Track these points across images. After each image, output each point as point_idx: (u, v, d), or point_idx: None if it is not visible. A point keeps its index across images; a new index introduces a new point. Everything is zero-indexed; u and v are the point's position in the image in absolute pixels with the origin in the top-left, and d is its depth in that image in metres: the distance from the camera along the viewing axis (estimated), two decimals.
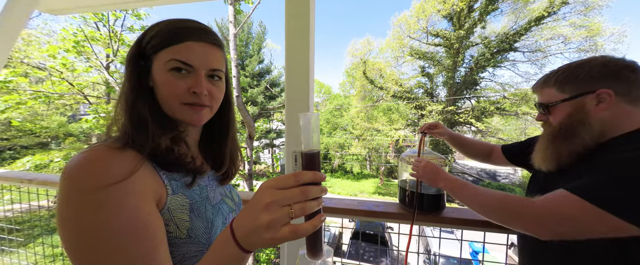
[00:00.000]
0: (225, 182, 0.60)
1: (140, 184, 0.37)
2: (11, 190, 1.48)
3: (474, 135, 17.25)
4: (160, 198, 0.41)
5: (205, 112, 0.48)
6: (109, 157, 0.37)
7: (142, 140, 0.41)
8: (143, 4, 1.80)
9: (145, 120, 0.42)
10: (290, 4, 0.97)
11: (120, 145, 0.40)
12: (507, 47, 14.68)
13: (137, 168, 0.38)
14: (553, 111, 0.65)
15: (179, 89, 0.44)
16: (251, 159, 5.25)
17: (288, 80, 1.01)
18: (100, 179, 0.34)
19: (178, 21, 0.45)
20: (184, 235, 0.43)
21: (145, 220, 0.35)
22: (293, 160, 1.00)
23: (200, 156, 0.58)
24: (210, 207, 0.50)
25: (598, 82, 0.58)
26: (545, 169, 0.67)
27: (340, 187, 18.79)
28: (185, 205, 0.45)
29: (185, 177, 0.47)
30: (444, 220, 0.92)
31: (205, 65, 0.45)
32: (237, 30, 4.50)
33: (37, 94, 4.64)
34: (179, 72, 0.43)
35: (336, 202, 1.07)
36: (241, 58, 18.25)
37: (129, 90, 0.44)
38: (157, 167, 0.43)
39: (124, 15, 5.02)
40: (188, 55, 0.43)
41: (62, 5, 1.87)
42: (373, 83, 18.41)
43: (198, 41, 0.44)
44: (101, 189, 0.33)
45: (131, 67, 0.45)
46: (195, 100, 0.45)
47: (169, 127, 0.45)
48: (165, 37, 0.43)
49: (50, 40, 6.87)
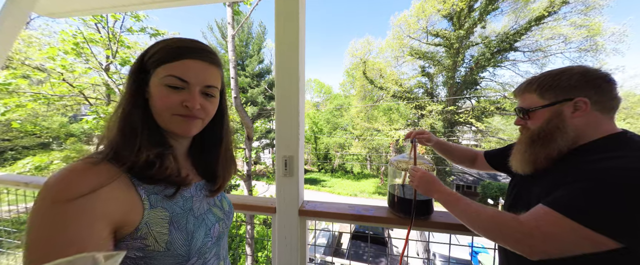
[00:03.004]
0: (214, 194, 0.60)
1: (103, 204, 0.38)
2: (8, 192, 1.50)
3: (474, 135, 17.21)
4: (129, 218, 0.41)
5: (196, 123, 0.50)
6: (78, 174, 0.38)
7: (126, 152, 0.43)
8: (142, 7, 1.81)
9: (135, 131, 0.44)
10: (280, 6, 0.98)
11: (99, 160, 0.41)
12: (507, 46, 14.65)
13: (101, 186, 0.38)
14: (532, 116, 0.67)
15: (172, 101, 0.46)
16: (250, 160, 5.27)
17: (278, 84, 1.01)
18: (62, 195, 0.36)
19: (181, 40, 0.48)
20: (162, 248, 0.44)
21: (79, 247, 0.35)
22: (283, 165, 1.01)
23: (189, 166, 0.59)
24: (193, 218, 0.51)
25: (577, 90, 0.61)
26: (522, 172, 0.69)
27: (341, 187, 18.78)
28: (165, 218, 0.45)
29: (167, 190, 0.48)
30: (433, 225, 0.93)
31: (201, 82, 0.48)
32: (235, 31, 4.51)
33: (37, 96, 4.67)
34: (174, 88, 0.46)
35: (327, 206, 1.08)
36: (241, 58, 18.27)
37: (126, 102, 0.46)
38: (137, 180, 0.44)
39: (123, 17, 5.04)
40: (184, 72, 0.46)
41: (61, 9, 1.89)
42: (373, 83, 18.40)
43: (196, 59, 0.47)
44: (58, 204, 0.35)
45: (131, 80, 0.47)
46: (187, 112, 0.48)
47: (157, 141, 0.47)
48: (166, 54, 0.46)
49: (51, 41, 6.90)
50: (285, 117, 1.02)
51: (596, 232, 0.48)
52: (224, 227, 0.59)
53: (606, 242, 0.48)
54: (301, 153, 1.06)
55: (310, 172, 24.36)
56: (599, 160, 0.55)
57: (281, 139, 1.03)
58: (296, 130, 1.02)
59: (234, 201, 1.13)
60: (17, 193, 1.47)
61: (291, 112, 1.01)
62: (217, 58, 0.52)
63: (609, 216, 0.48)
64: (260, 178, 18.59)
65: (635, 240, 0.47)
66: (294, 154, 1.03)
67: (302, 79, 1.04)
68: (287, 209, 1.07)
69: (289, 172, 1.03)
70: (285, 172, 1.03)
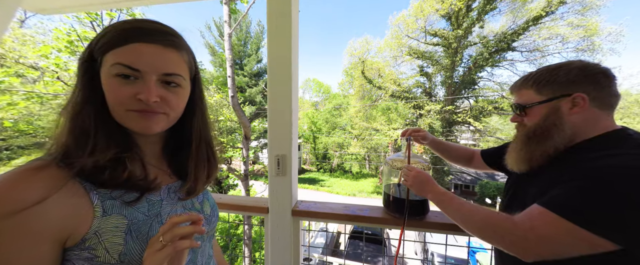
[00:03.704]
0: (188, 198, 0.53)
1: (45, 219, 0.35)
2: None
3: (472, 134, 17.26)
4: (75, 227, 0.37)
5: (158, 119, 0.43)
6: (19, 183, 0.35)
7: (75, 155, 0.38)
8: (135, 3, 1.78)
9: (87, 131, 0.39)
10: (272, 6, 0.95)
11: (45, 163, 0.38)
12: (505, 46, 14.71)
13: (43, 198, 0.35)
14: (529, 113, 0.65)
15: (123, 95, 0.40)
16: (247, 159, 5.23)
17: (270, 82, 0.99)
18: (3, 206, 0.33)
19: (129, 21, 0.41)
20: (114, 260, 0.39)
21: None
22: (276, 164, 0.99)
23: (164, 167, 0.53)
24: (159, 225, 0.45)
25: (575, 85, 0.58)
26: (518, 170, 0.68)
27: (340, 187, 18.79)
28: (120, 226, 0.41)
29: (128, 195, 0.43)
30: (429, 225, 0.91)
31: (157, 69, 0.41)
32: (232, 29, 4.47)
33: (30, 94, 4.61)
34: (125, 78, 0.39)
35: (321, 206, 1.05)
36: (239, 57, 18.19)
37: (75, 97, 0.41)
38: (90, 185, 0.40)
39: (118, 15, 4.99)
40: (134, 59, 0.39)
41: (50, 5, 1.85)
42: (372, 82, 18.40)
43: (148, 43, 0.40)
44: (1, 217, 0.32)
45: (81, 72, 0.41)
46: (142, 107, 0.41)
47: (115, 141, 0.42)
48: (112, 38, 0.39)
49: (45, 40, 6.82)
50: (278, 116, 0.99)
51: (593, 233, 0.46)
52: (206, 229, 0.53)
53: (603, 244, 0.46)
54: (294, 152, 1.04)
55: (309, 171, 24.35)
56: (597, 158, 0.53)
57: (274, 138, 1.01)
58: (289, 129, 0.99)
59: (226, 201, 1.11)
60: None
61: (284, 110, 0.99)
62: (178, 40, 0.44)
63: (607, 217, 0.46)
64: (258, 178, 18.55)
65: (634, 242, 0.46)
66: (287, 152, 1.00)
67: (295, 77, 1.01)
68: (280, 209, 1.04)
69: (281, 171, 1.00)
70: (278, 171, 1.00)
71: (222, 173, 7.75)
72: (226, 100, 7.05)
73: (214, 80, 15.36)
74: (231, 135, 9.02)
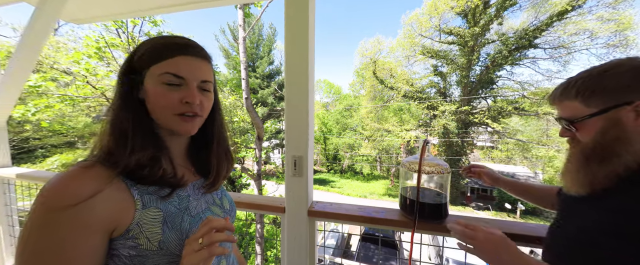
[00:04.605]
0: (210, 190, 0.60)
1: (95, 213, 0.39)
2: (37, 188, 1.61)
3: (490, 136, 16.48)
4: (121, 219, 0.42)
5: (196, 121, 0.51)
6: (73, 181, 0.39)
7: (118, 155, 0.43)
8: (159, 12, 1.89)
9: (126, 133, 0.45)
10: (289, 6, 0.98)
11: (92, 163, 0.42)
12: (526, 43, 13.96)
13: (94, 193, 0.39)
14: (581, 127, 0.55)
15: (172, 99, 0.47)
16: (260, 160, 5.34)
17: (288, 85, 1.01)
18: (56, 203, 0.37)
19: (168, 38, 0.49)
20: (155, 247, 0.44)
21: (69, 255, 0.37)
22: (292, 165, 1.01)
23: (188, 165, 0.59)
24: (189, 217, 0.50)
25: (632, 91, 0.48)
26: (576, 192, 0.57)
27: (350, 188, 18.64)
28: (157, 218, 0.46)
29: (162, 190, 0.48)
30: (446, 229, 0.89)
31: (197, 77, 0.48)
32: (246, 33, 4.59)
33: (64, 97, 4.99)
34: (171, 85, 0.46)
35: (336, 207, 1.06)
36: (252, 60, 18.61)
37: (118, 105, 0.47)
38: (131, 182, 0.45)
39: (142, 22, 5.28)
40: (179, 68, 0.46)
41: (84, 15, 2.01)
42: (383, 83, 18.14)
43: (188, 55, 0.48)
44: (52, 212, 0.37)
45: (121, 82, 0.47)
46: (188, 109, 0.48)
47: (150, 143, 0.47)
48: (157, 52, 0.46)
49: (76, 46, 7.35)
50: (295, 118, 1.01)
51: None
52: None
53: None
54: (311, 153, 1.06)
55: (319, 172, 24.37)
56: None
57: (291, 140, 1.03)
58: (305, 131, 1.01)
59: (243, 200, 1.14)
60: None
61: (301, 113, 1.01)
62: (207, 53, 0.52)
63: None
64: (270, 178, 18.83)
65: None
66: (304, 154, 1.02)
67: (311, 80, 1.03)
68: (297, 209, 1.06)
69: (298, 173, 1.02)
70: (295, 172, 1.02)
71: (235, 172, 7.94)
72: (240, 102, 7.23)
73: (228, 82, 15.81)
74: (244, 135, 9.24)
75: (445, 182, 0.91)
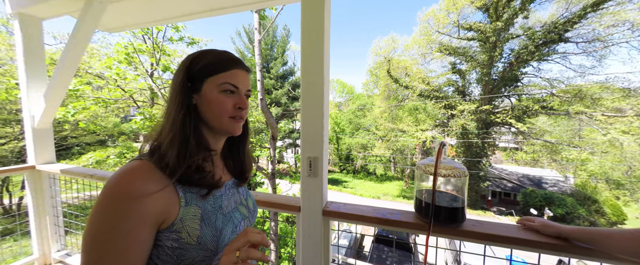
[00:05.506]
0: (241, 185, 0.68)
1: (150, 208, 0.44)
2: (77, 182, 1.78)
3: (514, 137, 15.50)
4: (169, 214, 0.47)
5: (242, 123, 0.60)
6: (140, 176, 0.45)
7: (177, 163, 0.48)
8: (183, 19, 2.02)
9: (187, 139, 0.51)
10: (306, 11, 1.01)
11: (155, 166, 0.48)
12: (555, 37, 12.95)
13: (156, 191, 0.45)
14: None
15: (228, 105, 0.56)
16: (274, 159, 5.45)
17: (304, 87, 1.04)
18: (123, 193, 0.42)
19: (223, 53, 0.58)
20: (194, 242, 0.48)
21: (124, 243, 0.41)
22: (307, 166, 1.03)
23: (222, 166, 0.66)
24: (222, 216, 0.56)
25: None
26: None
27: (363, 189, 18.43)
28: (197, 215, 0.50)
29: (201, 189, 0.54)
30: (463, 234, 0.87)
31: (245, 87, 0.59)
32: (261, 36, 4.70)
33: (97, 100, 5.44)
34: (228, 93, 0.56)
35: (350, 208, 1.07)
36: (266, 61, 18.99)
37: (178, 111, 0.52)
38: (177, 182, 0.50)
39: (165, 28, 5.62)
40: (236, 80, 0.56)
41: (117, 24, 2.19)
42: (398, 82, 17.72)
43: (240, 69, 0.58)
44: (119, 200, 0.42)
45: (180, 89, 0.53)
46: (239, 114, 0.58)
47: (204, 146, 0.54)
48: (219, 65, 0.55)
49: (108, 52, 7.97)
50: (310, 120, 1.04)
51: None
52: (248, 224, 0.64)
53: None
54: (325, 154, 1.08)
55: (332, 172, 24.33)
56: None
57: (306, 140, 1.06)
58: (320, 132, 1.04)
59: (261, 199, 1.19)
60: (83, 183, 1.74)
61: (316, 115, 1.03)
62: (249, 67, 0.62)
63: None
64: (283, 177, 19.12)
65: None
66: (319, 155, 1.05)
67: (326, 82, 1.05)
68: (311, 208, 1.09)
69: (313, 173, 1.05)
70: (310, 173, 1.05)
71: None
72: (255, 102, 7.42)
73: None
74: (258, 135, 9.49)
75: (463, 186, 0.90)
